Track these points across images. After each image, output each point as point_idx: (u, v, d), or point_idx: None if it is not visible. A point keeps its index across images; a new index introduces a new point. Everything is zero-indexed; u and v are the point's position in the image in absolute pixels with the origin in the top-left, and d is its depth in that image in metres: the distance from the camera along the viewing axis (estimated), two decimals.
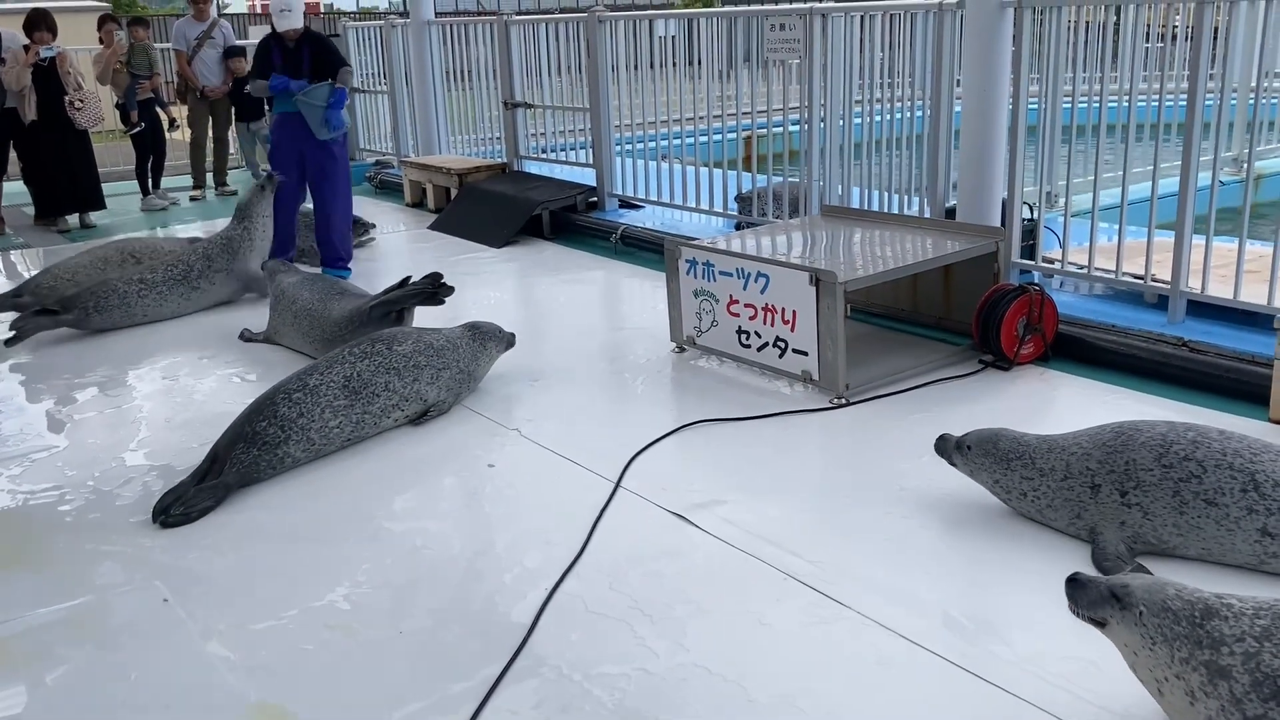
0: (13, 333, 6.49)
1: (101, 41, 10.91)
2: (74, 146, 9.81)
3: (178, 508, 4.19)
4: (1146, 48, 8.12)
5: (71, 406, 5.54)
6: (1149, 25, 7.61)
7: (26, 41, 9.53)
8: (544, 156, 10.23)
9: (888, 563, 3.64)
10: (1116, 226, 5.76)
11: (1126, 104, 5.78)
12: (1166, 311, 5.49)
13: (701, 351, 5.75)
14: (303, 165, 7.72)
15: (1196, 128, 5.29)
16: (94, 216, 10.28)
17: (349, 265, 7.86)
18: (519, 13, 11.74)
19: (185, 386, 5.76)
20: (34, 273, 7.71)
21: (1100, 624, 2.65)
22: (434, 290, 5.73)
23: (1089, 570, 3.46)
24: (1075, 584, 2.66)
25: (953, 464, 3.96)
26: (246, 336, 6.49)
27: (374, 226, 9.22)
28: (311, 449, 4.58)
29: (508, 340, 5.50)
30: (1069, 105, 5.89)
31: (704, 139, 8.39)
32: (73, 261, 7.41)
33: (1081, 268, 5.88)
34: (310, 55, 7.61)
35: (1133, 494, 3.50)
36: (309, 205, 7.97)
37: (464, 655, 3.24)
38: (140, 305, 6.86)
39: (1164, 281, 5.51)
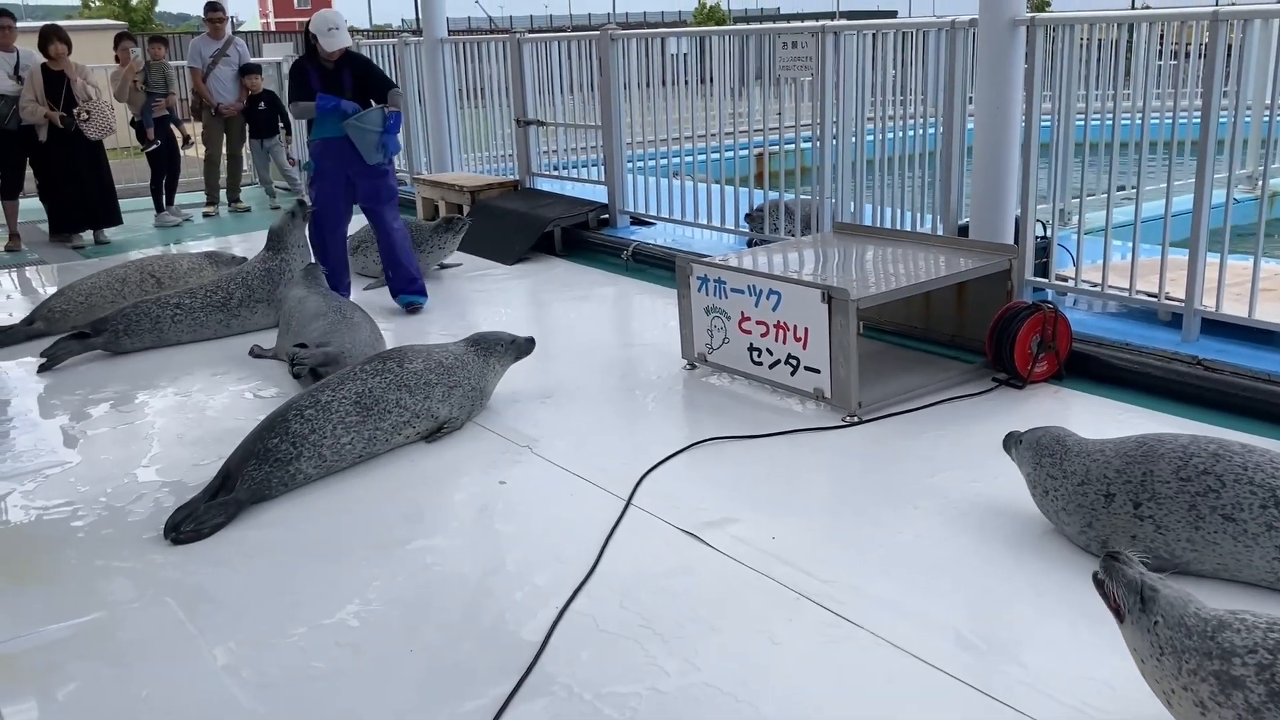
0: (44, 359, 6.45)
1: (118, 59, 11.00)
2: (87, 162, 9.88)
3: (189, 524, 4.19)
4: (1159, 65, 8.13)
5: (84, 422, 5.56)
6: (1162, 42, 7.60)
7: (44, 60, 9.61)
8: (556, 174, 10.26)
9: (900, 582, 3.61)
10: (1130, 244, 5.74)
11: (1140, 121, 5.77)
12: (1181, 330, 5.46)
13: (713, 369, 5.74)
14: (350, 194, 7.25)
15: (1211, 145, 5.27)
16: (108, 233, 10.34)
17: (424, 289, 7.46)
18: (532, 30, 11.80)
19: (197, 403, 5.77)
20: (48, 292, 7.72)
21: (1118, 615, 2.62)
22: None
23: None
24: (1115, 561, 2.62)
25: (1011, 458, 3.98)
26: (256, 353, 6.51)
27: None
28: (323, 465, 4.59)
29: (520, 347, 5.46)
30: (1082, 122, 5.88)
31: (715, 156, 8.40)
32: (88, 283, 7.38)
33: (1095, 286, 5.86)
34: (352, 77, 7.08)
35: (1146, 506, 3.47)
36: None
37: (474, 673, 3.22)
38: (174, 330, 6.79)
39: (1178, 299, 5.48)
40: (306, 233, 7.29)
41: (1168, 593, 2.57)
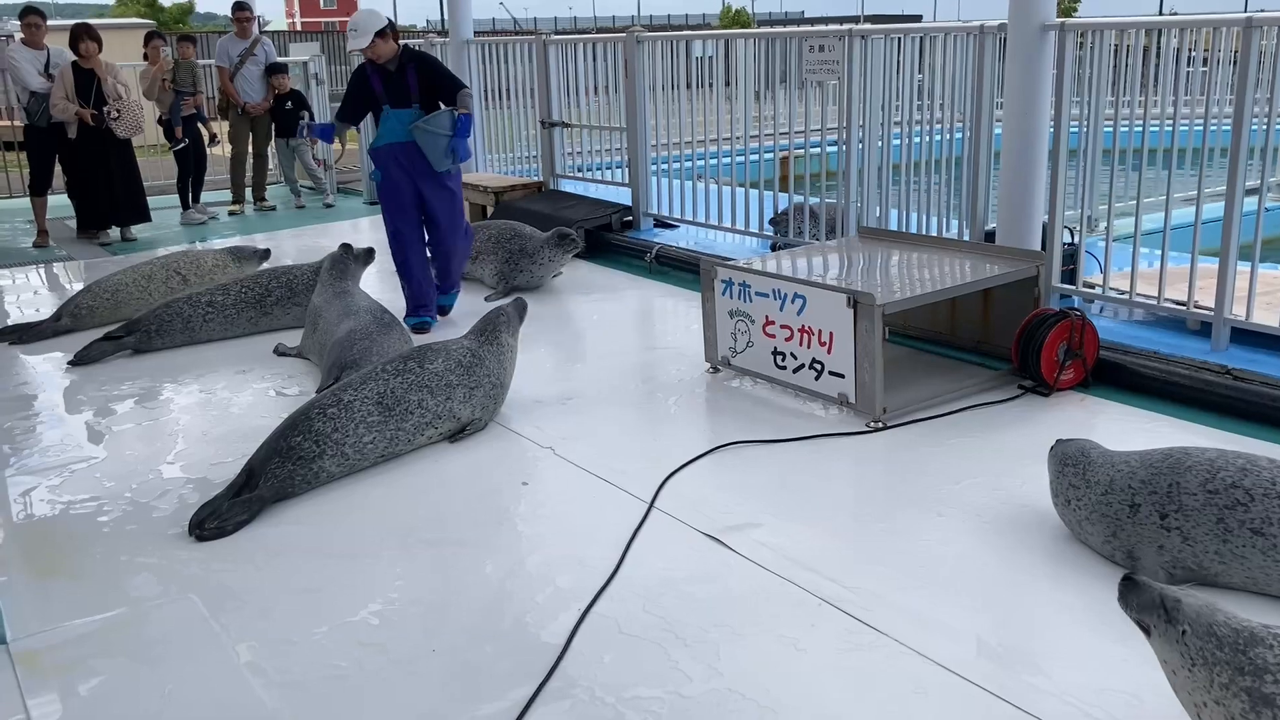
0: (76, 360, 6.47)
1: (147, 58, 11.07)
2: (116, 160, 9.94)
3: (213, 521, 4.20)
4: (1189, 71, 8.06)
5: (110, 418, 5.59)
6: (1192, 49, 7.54)
7: (75, 58, 9.68)
8: (580, 175, 10.26)
9: (924, 589, 3.59)
10: (1159, 252, 5.69)
11: (1170, 128, 5.72)
12: (1210, 339, 5.41)
13: (736, 372, 5.73)
14: (419, 199, 6.84)
15: (1242, 152, 5.22)
16: (135, 230, 10.41)
17: (446, 309, 7.16)
18: (557, 32, 11.80)
19: (222, 400, 5.80)
20: (75, 289, 7.78)
21: (1145, 630, 2.61)
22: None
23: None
24: (1130, 584, 2.62)
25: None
26: (281, 351, 6.53)
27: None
28: (346, 464, 4.59)
29: (520, 307, 5.45)
30: (1110, 128, 5.84)
31: (739, 159, 8.38)
32: (114, 279, 7.43)
33: (1123, 293, 5.82)
34: (418, 78, 6.63)
35: (1173, 517, 3.44)
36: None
37: (496, 675, 3.22)
38: (205, 329, 6.81)
39: (1207, 308, 5.43)
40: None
41: (1192, 602, 2.55)
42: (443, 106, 6.73)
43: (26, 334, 7.11)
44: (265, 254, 8.22)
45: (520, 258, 7.67)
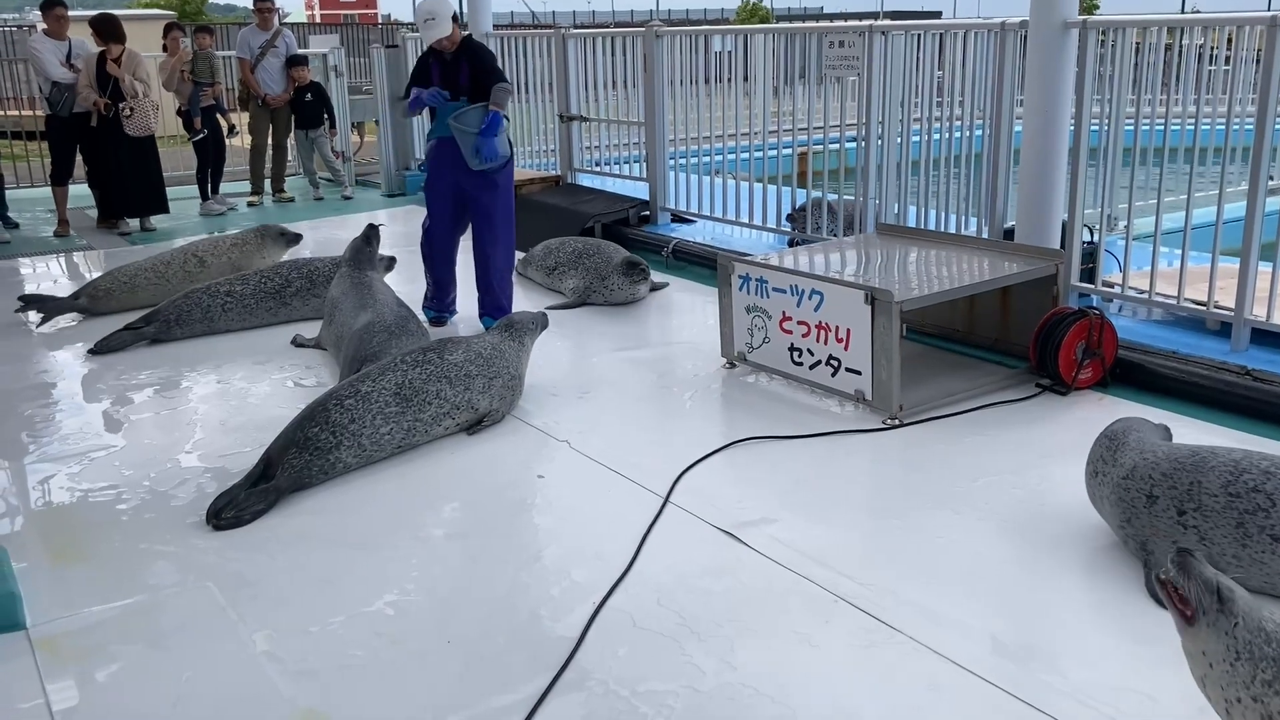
0: (96, 349, 6.51)
1: (166, 49, 11.11)
2: (136, 151, 9.97)
3: (230, 510, 4.23)
4: (1211, 70, 8.01)
5: (129, 407, 5.62)
6: (1215, 47, 7.49)
7: (101, 49, 9.72)
8: (597, 169, 10.26)
9: (939, 587, 3.58)
10: (1179, 251, 5.66)
11: (1191, 127, 5.68)
12: (1229, 339, 5.38)
13: (752, 368, 5.72)
14: (460, 200, 6.65)
15: (1265, 151, 5.19)
16: (154, 220, 10.46)
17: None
18: (576, 26, 11.80)
19: (240, 390, 5.82)
20: (93, 276, 7.84)
21: (1188, 618, 2.47)
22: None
23: (1144, 594, 3.41)
24: (1188, 558, 2.48)
25: None
26: (299, 341, 6.55)
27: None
28: (363, 455, 4.61)
29: (541, 323, 5.51)
30: (1131, 127, 5.80)
31: (757, 154, 8.36)
32: (133, 265, 7.53)
33: (1142, 292, 5.79)
34: (469, 69, 6.40)
35: (1191, 515, 3.43)
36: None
37: (511, 667, 3.23)
38: (224, 319, 6.83)
39: (1227, 308, 5.40)
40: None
41: (1244, 593, 2.47)
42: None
43: (45, 305, 7.27)
44: (295, 238, 8.14)
45: (594, 278, 7.34)
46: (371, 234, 6.70)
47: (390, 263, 6.99)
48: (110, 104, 9.63)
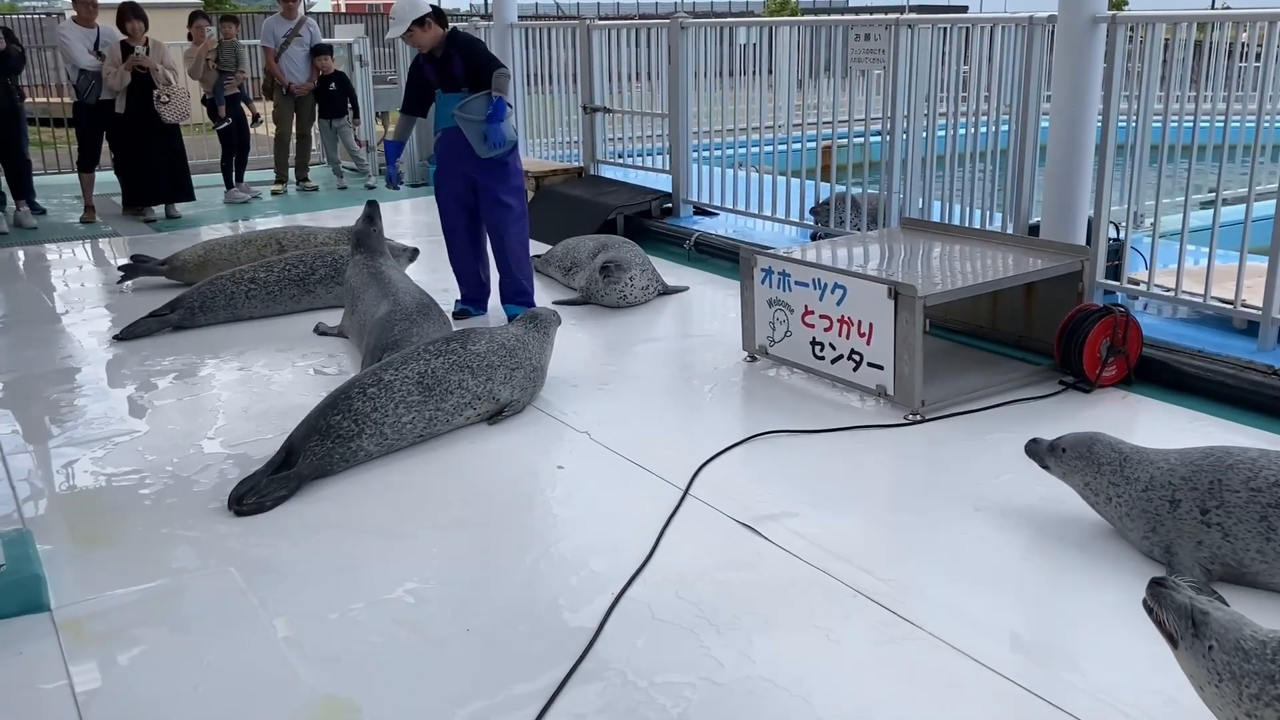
0: (122, 335, 6.57)
1: (191, 37, 11.17)
2: (162, 139, 10.03)
3: (252, 497, 4.25)
4: (1242, 66, 7.93)
5: (152, 393, 5.66)
6: (1245, 43, 7.41)
7: (123, 37, 9.79)
8: (621, 161, 10.25)
9: (960, 583, 3.57)
10: (1205, 249, 5.60)
11: (1220, 124, 5.63)
12: (1256, 338, 5.33)
13: (773, 362, 5.71)
14: (471, 189, 6.65)
15: None
16: (179, 207, 10.52)
17: (532, 302, 6.73)
18: (601, 17, 11.79)
19: (262, 377, 5.85)
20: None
21: (1172, 642, 2.57)
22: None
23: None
24: (1161, 587, 2.57)
25: (1045, 467, 3.92)
26: (321, 330, 6.58)
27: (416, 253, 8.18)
28: (384, 443, 4.63)
29: (558, 322, 5.52)
30: (1159, 123, 5.75)
31: (781, 147, 8.34)
32: (219, 240, 7.91)
33: (1168, 290, 5.74)
34: (463, 63, 6.48)
35: (1214, 513, 3.41)
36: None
37: (529, 656, 3.24)
38: (247, 306, 6.88)
39: (1255, 307, 5.35)
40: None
41: (1220, 616, 2.51)
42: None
43: (138, 269, 7.81)
44: (413, 253, 7.77)
45: (589, 279, 7.19)
46: (373, 211, 6.68)
47: (413, 254, 6.97)
48: (142, 69, 9.62)
